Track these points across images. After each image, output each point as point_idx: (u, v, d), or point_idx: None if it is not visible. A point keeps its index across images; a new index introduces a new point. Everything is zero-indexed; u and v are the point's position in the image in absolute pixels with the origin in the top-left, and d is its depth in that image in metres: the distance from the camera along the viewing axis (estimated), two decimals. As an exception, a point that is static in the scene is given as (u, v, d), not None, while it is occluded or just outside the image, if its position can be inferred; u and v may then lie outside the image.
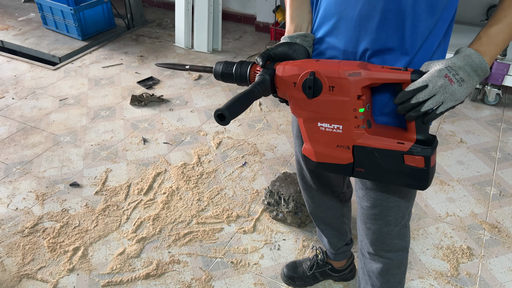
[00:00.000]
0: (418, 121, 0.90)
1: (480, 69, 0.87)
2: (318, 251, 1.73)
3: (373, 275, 1.33)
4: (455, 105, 0.88)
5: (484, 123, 2.65)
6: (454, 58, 0.88)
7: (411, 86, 0.87)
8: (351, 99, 0.91)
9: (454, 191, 2.16)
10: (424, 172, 0.93)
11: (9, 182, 2.28)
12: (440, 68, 0.86)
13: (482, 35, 0.90)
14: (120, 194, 2.18)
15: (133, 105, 2.90)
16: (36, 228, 2.00)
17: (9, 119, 2.78)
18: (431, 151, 0.91)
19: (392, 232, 1.21)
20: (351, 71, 0.89)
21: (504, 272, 1.77)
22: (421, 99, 0.86)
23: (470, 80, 0.87)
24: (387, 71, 0.88)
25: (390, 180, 0.98)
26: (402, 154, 0.92)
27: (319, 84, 0.93)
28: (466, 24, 3.03)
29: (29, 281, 1.78)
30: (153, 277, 1.79)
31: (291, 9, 1.08)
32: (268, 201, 2.02)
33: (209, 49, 3.58)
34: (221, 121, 0.85)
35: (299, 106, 0.98)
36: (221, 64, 1.06)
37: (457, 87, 0.86)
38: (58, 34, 3.91)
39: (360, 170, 0.99)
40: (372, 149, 0.95)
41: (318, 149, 1.02)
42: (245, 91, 0.91)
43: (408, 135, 0.93)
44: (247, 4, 4.09)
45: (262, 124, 2.70)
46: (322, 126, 0.98)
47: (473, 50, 0.88)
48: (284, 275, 1.75)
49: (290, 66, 0.97)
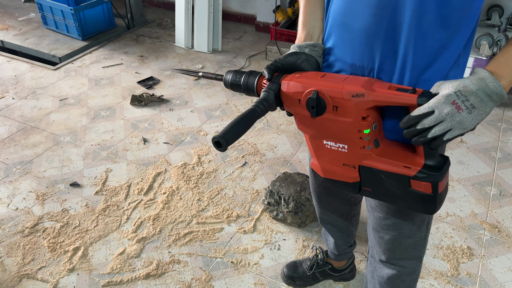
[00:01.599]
0: (425, 146, 0.86)
1: (496, 95, 0.79)
2: (318, 251, 1.73)
3: (382, 280, 1.29)
4: (463, 132, 0.82)
5: (484, 123, 2.65)
6: (468, 80, 0.80)
7: (417, 111, 0.81)
8: (354, 120, 0.88)
9: (454, 191, 2.16)
10: (431, 198, 0.89)
11: (9, 182, 2.28)
12: (449, 93, 0.79)
13: (500, 56, 0.82)
14: (120, 194, 2.18)
15: (133, 105, 2.90)
16: (36, 228, 2.00)
17: (9, 119, 2.78)
18: (438, 177, 0.86)
19: (406, 243, 1.15)
20: (355, 92, 0.85)
21: (504, 272, 1.77)
22: (427, 125, 0.80)
23: (482, 107, 0.79)
24: (392, 94, 0.83)
25: (397, 203, 0.95)
26: (409, 178, 0.88)
27: (323, 104, 0.90)
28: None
29: (29, 281, 1.78)
30: (153, 277, 1.79)
31: (303, 15, 1.04)
32: (268, 201, 2.02)
33: (209, 49, 3.58)
34: (218, 147, 0.83)
35: (304, 123, 0.97)
36: (230, 74, 1.05)
37: (465, 115, 0.79)
38: (58, 34, 3.91)
39: (367, 189, 0.97)
40: (378, 171, 0.92)
41: (324, 165, 1.00)
42: (247, 111, 0.89)
43: (416, 159, 0.88)
44: (247, 4, 4.09)
45: (262, 124, 2.70)
46: (327, 144, 0.96)
47: (488, 73, 0.79)
48: (284, 275, 1.75)
49: (294, 82, 0.93)
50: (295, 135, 2.59)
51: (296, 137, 2.57)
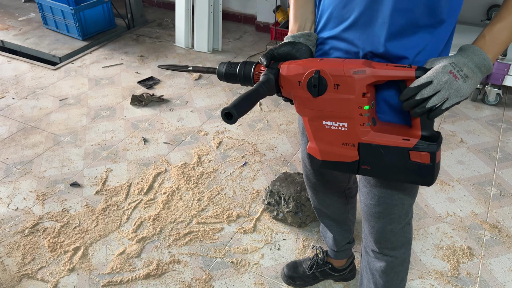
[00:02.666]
0: (423, 118, 0.91)
1: (484, 66, 0.88)
2: (318, 251, 1.73)
3: (376, 273, 1.33)
4: (460, 101, 0.88)
5: (485, 123, 2.65)
6: (458, 55, 0.89)
7: (416, 82, 0.87)
8: (356, 96, 0.91)
9: (455, 191, 2.16)
10: (430, 168, 0.93)
11: (9, 182, 2.28)
12: (445, 65, 0.87)
13: (485, 33, 0.91)
14: (120, 194, 2.18)
15: (133, 105, 2.90)
16: (36, 228, 2.01)
17: (9, 119, 2.78)
18: (436, 147, 0.91)
19: (395, 229, 1.21)
20: (356, 69, 0.90)
21: (504, 272, 1.77)
22: (425, 95, 0.86)
23: (474, 77, 0.88)
24: (391, 68, 0.89)
25: (396, 177, 0.98)
26: (408, 150, 0.93)
27: (324, 83, 0.93)
28: (466, 24, 3.03)
29: (30, 281, 1.78)
30: (153, 277, 1.79)
31: (294, 8, 1.08)
32: (269, 201, 2.02)
33: (209, 49, 3.58)
34: (228, 119, 0.85)
35: (304, 105, 0.99)
36: (224, 65, 1.06)
37: (461, 83, 0.87)
38: (58, 34, 3.91)
39: (366, 168, 0.99)
40: (377, 146, 0.95)
41: (323, 147, 1.02)
42: (250, 90, 0.91)
43: (413, 132, 0.93)
44: (247, 4, 4.09)
45: (263, 124, 2.70)
46: (327, 124, 0.98)
47: (477, 47, 0.89)
48: (284, 275, 1.75)
49: (294, 65, 0.97)
50: (295, 135, 2.59)
51: (296, 137, 2.57)
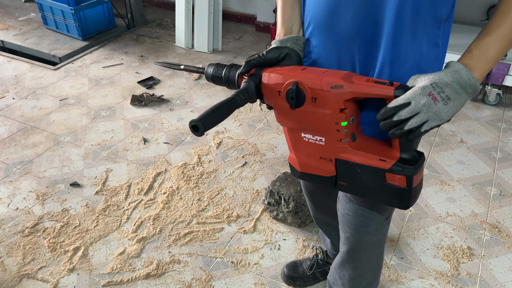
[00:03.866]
0: (402, 139, 0.86)
1: (469, 86, 0.81)
2: (318, 251, 1.73)
3: (344, 278, 1.34)
4: (440, 124, 0.82)
5: (485, 123, 2.65)
6: (442, 73, 0.82)
7: (393, 102, 0.82)
8: (332, 112, 0.88)
9: (455, 191, 2.16)
10: (406, 192, 0.89)
11: (9, 182, 2.28)
12: (425, 85, 0.80)
13: (472, 48, 0.84)
14: (120, 194, 2.18)
15: (133, 105, 2.90)
16: (36, 228, 2.01)
17: (9, 119, 2.78)
18: (413, 170, 0.86)
19: (370, 241, 1.20)
20: (334, 83, 0.86)
21: (504, 272, 1.77)
22: (403, 116, 0.81)
23: (457, 98, 0.81)
24: (370, 85, 0.84)
25: (371, 197, 0.96)
26: (384, 171, 0.89)
27: (302, 95, 0.90)
28: (466, 24, 3.03)
29: (30, 281, 1.78)
30: (153, 277, 1.79)
31: (281, 12, 1.04)
32: (269, 201, 2.02)
33: (209, 49, 3.58)
34: (195, 131, 0.82)
35: (283, 115, 0.97)
36: (212, 67, 1.04)
37: (441, 106, 0.80)
38: (58, 34, 3.91)
39: (342, 184, 0.97)
40: (354, 164, 0.92)
41: (302, 159, 1.01)
42: (226, 99, 0.89)
43: (392, 152, 0.89)
44: (248, 4, 4.09)
45: (263, 124, 2.70)
46: (305, 136, 0.97)
47: (462, 66, 0.81)
48: (284, 275, 1.75)
49: (275, 74, 0.94)
50: (295, 135, 2.59)
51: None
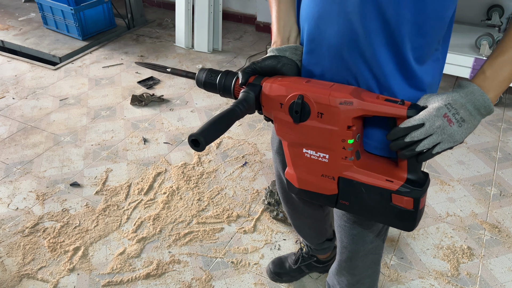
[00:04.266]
0: (411, 160, 0.83)
1: (484, 108, 0.79)
2: (302, 244, 1.74)
3: (343, 283, 1.34)
4: (453, 146, 0.80)
5: (485, 123, 2.65)
6: (456, 94, 0.79)
7: (406, 123, 0.79)
8: (340, 129, 0.84)
9: (455, 191, 2.16)
10: (412, 214, 0.87)
11: (9, 182, 2.28)
12: (439, 106, 0.78)
13: (486, 69, 0.80)
14: (120, 194, 2.18)
15: (133, 105, 2.90)
16: (36, 228, 2.01)
17: (9, 119, 2.78)
18: (421, 193, 0.84)
19: (367, 249, 1.19)
20: (343, 99, 0.82)
21: (504, 272, 1.77)
22: (416, 138, 0.78)
23: (471, 120, 0.78)
24: (382, 103, 0.81)
25: (375, 218, 0.93)
26: (390, 193, 0.86)
27: (307, 109, 0.85)
28: (466, 24, 3.03)
29: (30, 281, 1.78)
30: (153, 277, 1.79)
31: (277, 16, 0.97)
32: (269, 201, 2.02)
33: (209, 49, 3.58)
34: (195, 146, 0.77)
35: (284, 128, 0.91)
36: (204, 72, 0.97)
37: (456, 128, 0.78)
38: (58, 34, 3.91)
39: (344, 203, 0.93)
40: (358, 183, 0.89)
41: (301, 175, 0.96)
42: (226, 111, 0.84)
43: (399, 173, 0.86)
44: (248, 4, 4.09)
45: (262, 124, 2.70)
46: (307, 152, 0.91)
47: (477, 87, 0.79)
48: (270, 272, 1.75)
49: (277, 85, 0.89)
50: (295, 135, 2.59)
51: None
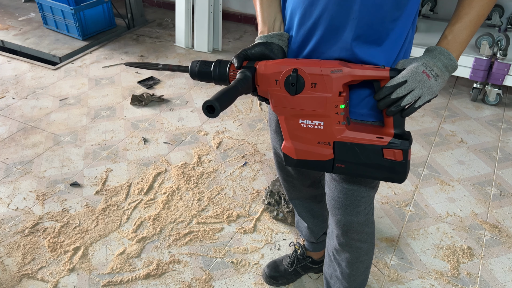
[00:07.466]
0: (396, 116, 0.95)
1: (450, 66, 0.95)
2: (297, 246, 1.75)
3: (343, 263, 1.36)
4: (431, 98, 0.94)
5: (485, 123, 2.65)
6: (427, 56, 0.95)
7: (392, 81, 0.92)
8: (333, 95, 0.94)
9: (455, 191, 2.16)
10: (402, 165, 0.98)
11: (9, 182, 2.28)
12: (417, 65, 0.93)
13: (447, 34, 0.97)
14: (120, 194, 2.18)
15: (133, 105, 2.90)
16: (36, 228, 2.00)
17: (9, 119, 2.78)
18: (408, 144, 0.96)
19: (361, 220, 1.24)
20: (333, 68, 0.93)
21: (504, 272, 1.77)
22: (401, 94, 0.92)
23: (443, 76, 0.95)
24: (367, 68, 0.93)
25: (370, 175, 1.02)
26: (382, 148, 0.97)
27: (302, 81, 0.95)
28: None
29: (30, 281, 1.78)
30: (153, 277, 1.79)
31: (261, 8, 1.07)
32: (269, 201, 2.02)
33: (209, 49, 3.58)
34: (209, 113, 0.85)
35: (280, 104, 1.00)
36: (197, 63, 1.04)
37: (433, 81, 0.93)
38: (58, 34, 3.91)
39: (340, 166, 1.02)
40: (352, 145, 0.98)
41: (298, 146, 1.04)
42: (230, 86, 0.92)
43: (386, 130, 0.98)
44: (248, 4, 4.09)
45: (262, 124, 2.70)
46: (303, 123, 1.00)
47: (443, 49, 0.95)
48: (266, 276, 1.74)
49: (272, 63, 0.98)
50: (295, 135, 2.59)
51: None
